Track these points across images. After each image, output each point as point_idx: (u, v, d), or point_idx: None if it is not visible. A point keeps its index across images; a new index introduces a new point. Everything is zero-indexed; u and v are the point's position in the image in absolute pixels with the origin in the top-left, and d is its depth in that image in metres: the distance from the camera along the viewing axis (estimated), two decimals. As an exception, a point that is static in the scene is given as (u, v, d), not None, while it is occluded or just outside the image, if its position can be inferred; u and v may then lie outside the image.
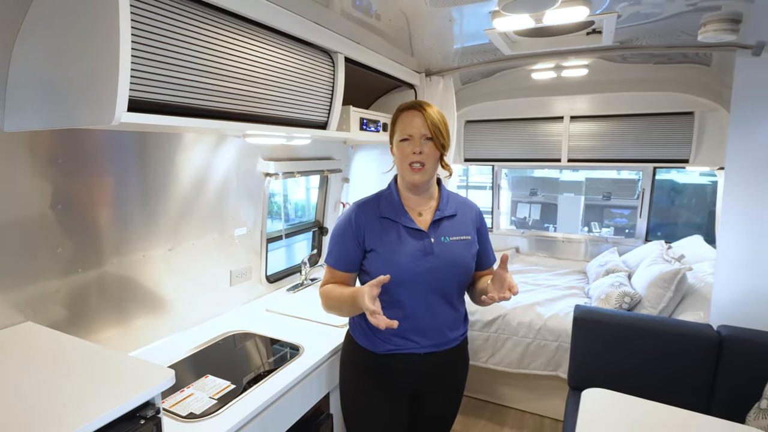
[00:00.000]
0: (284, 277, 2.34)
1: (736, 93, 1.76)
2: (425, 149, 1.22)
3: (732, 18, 1.48)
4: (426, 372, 1.31)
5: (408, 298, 1.25)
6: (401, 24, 1.75)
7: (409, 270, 1.22)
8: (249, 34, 1.24)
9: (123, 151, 1.43)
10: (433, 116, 1.24)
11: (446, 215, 1.29)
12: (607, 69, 2.71)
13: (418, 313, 1.26)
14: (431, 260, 1.23)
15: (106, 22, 0.87)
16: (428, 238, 1.25)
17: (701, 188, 4.39)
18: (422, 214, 1.30)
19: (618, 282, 2.53)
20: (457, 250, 1.27)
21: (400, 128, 1.26)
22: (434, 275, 1.24)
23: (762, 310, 1.79)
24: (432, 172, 1.27)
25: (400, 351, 1.28)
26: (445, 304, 1.29)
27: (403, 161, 1.24)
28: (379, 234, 1.26)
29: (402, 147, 1.25)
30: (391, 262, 1.23)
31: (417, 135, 1.23)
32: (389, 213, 1.28)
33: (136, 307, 1.55)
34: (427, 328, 1.28)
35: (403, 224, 1.26)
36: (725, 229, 1.84)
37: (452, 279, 1.28)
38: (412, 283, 1.23)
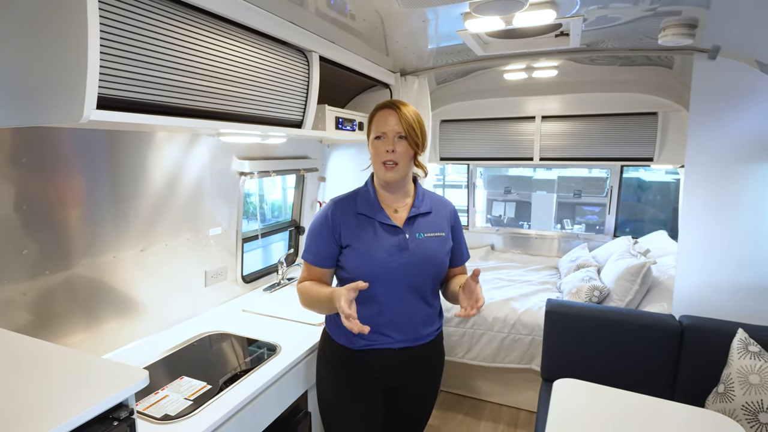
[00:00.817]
0: (261, 277, 2.33)
1: (694, 94, 1.85)
2: (398, 148, 1.24)
3: (689, 23, 1.56)
4: (401, 367, 1.33)
5: (383, 293, 1.26)
6: (376, 24, 1.76)
7: (384, 265, 1.24)
8: (222, 31, 1.23)
9: (91, 150, 1.39)
10: (407, 115, 1.25)
11: (421, 212, 1.32)
12: (576, 70, 2.80)
13: (392, 308, 1.28)
14: (406, 256, 1.26)
15: (74, 17, 0.85)
16: (403, 233, 1.28)
17: (666, 186, 4.58)
18: (398, 211, 1.32)
19: (588, 276, 2.62)
20: (431, 246, 1.30)
21: (375, 126, 1.28)
22: (409, 270, 1.26)
23: (720, 300, 1.89)
24: (405, 171, 1.28)
25: (375, 346, 1.30)
26: (419, 300, 1.31)
27: (377, 159, 1.26)
28: (355, 230, 1.28)
29: (376, 145, 1.27)
30: (366, 257, 1.25)
31: (390, 133, 1.25)
32: (365, 209, 1.30)
33: (107, 310, 1.52)
34: (402, 323, 1.30)
35: (378, 220, 1.28)
36: (686, 224, 1.93)
37: (427, 274, 1.30)
38: (387, 277, 1.25)
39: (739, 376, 1.58)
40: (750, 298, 1.84)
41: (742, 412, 1.53)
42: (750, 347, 1.62)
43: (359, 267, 1.26)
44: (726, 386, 1.61)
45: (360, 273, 1.25)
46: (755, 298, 1.84)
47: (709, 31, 1.66)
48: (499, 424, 2.50)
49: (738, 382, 1.58)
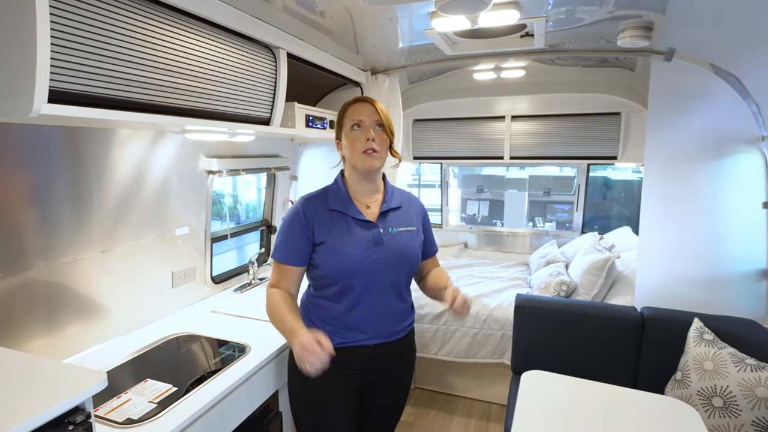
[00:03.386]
0: (231, 278, 2.29)
1: (652, 95, 1.93)
2: (377, 136, 1.26)
3: (646, 26, 1.63)
4: (376, 363, 1.33)
5: (358, 289, 1.26)
6: (345, 21, 1.76)
7: (359, 260, 1.24)
8: (186, 26, 1.21)
9: (47, 146, 1.34)
10: (381, 107, 1.28)
11: (392, 207, 1.33)
12: (543, 71, 2.87)
13: (368, 304, 1.28)
14: (381, 250, 1.26)
15: (22, 5, 0.82)
16: (377, 228, 1.28)
17: (631, 184, 4.75)
18: (370, 207, 1.32)
19: (556, 272, 2.69)
20: (404, 240, 1.31)
21: (349, 117, 1.27)
22: (384, 265, 1.26)
23: (678, 291, 1.98)
24: (384, 158, 1.30)
25: (351, 344, 1.29)
26: (394, 295, 1.32)
27: (356, 149, 1.25)
28: (328, 226, 1.27)
29: (353, 136, 1.26)
30: (341, 253, 1.24)
31: (368, 121, 1.25)
32: (338, 205, 1.29)
33: (68, 314, 1.47)
34: (378, 318, 1.30)
35: (352, 216, 1.28)
36: (646, 219, 2.01)
37: (401, 269, 1.31)
38: (363, 273, 1.25)
39: (694, 363, 1.66)
40: (705, 289, 1.93)
41: (697, 397, 1.60)
42: (704, 335, 1.70)
43: (334, 263, 1.25)
44: (683, 373, 1.68)
45: (335, 269, 1.24)
46: (709, 288, 1.93)
47: (665, 34, 1.73)
48: (472, 418, 2.54)
49: (694, 369, 1.65)
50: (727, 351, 1.63)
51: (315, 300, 1.34)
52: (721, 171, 1.88)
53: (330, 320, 1.30)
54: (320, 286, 1.32)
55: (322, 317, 1.32)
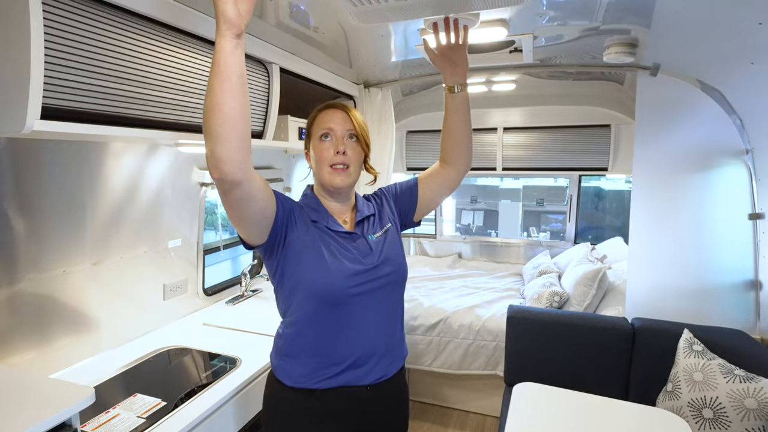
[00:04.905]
0: (224, 289, 2.28)
1: (638, 108, 1.97)
2: (349, 149, 1.07)
3: (630, 42, 1.67)
4: (372, 407, 1.10)
5: (354, 314, 1.04)
6: (339, 37, 1.79)
7: (353, 278, 1.03)
8: (178, 43, 1.23)
9: (38, 157, 1.34)
10: (356, 115, 1.11)
11: (366, 215, 1.16)
12: (533, 84, 2.91)
13: (368, 331, 1.06)
14: (370, 262, 1.07)
15: (17, 25, 0.84)
16: (361, 238, 1.11)
17: (622, 194, 4.80)
18: (347, 222, 1.15)
19: (549, 282, 2.70)
20: (388, 246, 1.13)
21: (318, 125, 1.09)
22: (378, 278, 1.07)
23: (668, 302, 1.99)
24: (356, 176, 1.12)
25: (346, 384, 1.05)
26: (394, 314, 1.14)
27: (323, 162, 1.07)
28: (314, 238, 1.05)
29: (321, 147, 1.07)
30: (326, 267, 1.02)
31: (339, 131, 1.07)
32: (317, 217, 1.09)
33: (57, 327, 1.46)
34: (379, 347, 1.08)
35: (333, 229, 1.08)
36: (635, 230, 2.03)
37: (396, 279, 1.12)
38: (359, 294, 1.04)
39: (685, 374, 1.67)
40: (694, 300, 1.95)
41: (688, 409, 1.61)
42: (694, 346, 1.72)
43: (321, 281, 1.01)
44: (674, 384, 1.69)
45: (323, 289, 1.02)
46: (699, 299, 1.95)
47: (650, 50, 1.77)
48: (466, 430, 2.53)
49: (684, 380, 1.66)
50: (716, 362, 1.64)
51: (295, 329, 1.07)
52: (708, 183, 1.91)
53: (317, 351, 1.05)
54: (302, 311, 1.05)
55: (305, 348, 1.06)
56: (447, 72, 1.18)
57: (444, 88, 1.19)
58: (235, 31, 0.74)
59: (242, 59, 0.77)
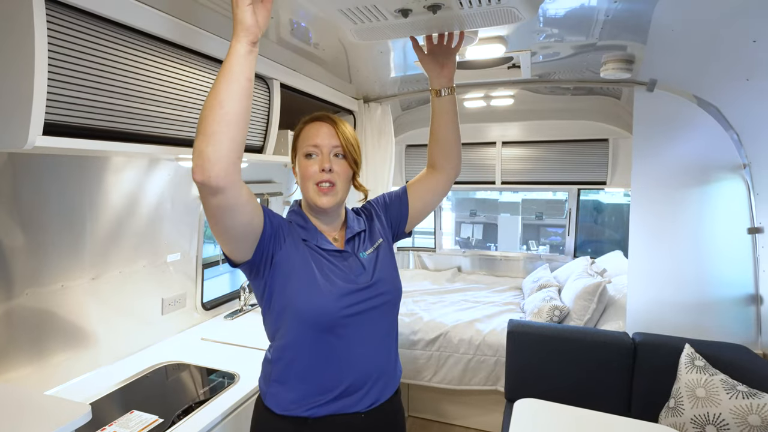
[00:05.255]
0: (222, 304, 2.27)
1: (636, 123, 1.99)
2: (336, 166, 1.02)
3: (627, 58, 1.69)
4: None
5: (348, 335, 0.99)
6: (339, 53, 1.82)
7: (346, 298, 0.98)
8: (179, 59, 1.24)
9: (39, 171, 1.35)
10: (345, 130, 1.05)
11: (356, 232, 1.11)
12: (531, 99, 2.95)
13: (362, 353, 1.01)
14: (363, 281, 1.03)
15: (21, 42, 0.85)
16: (353, 256, 1.06)
17: (621, 207, 4.81)
18: (337, 240, 1.09)
19: (549, 296, 2.69)
20: (381, 264, 1.08)
21: (304, 140, 1.04)
22: (372, 297, 1.02)
23: (668, 316, 1.99)
24: (344, 195, 1.06)
25: (340, 411, 0.99)
26: (388, 333, 1.09)
27: (308, 181, 1.02)
28: (304, 256, 1.00)
29: (306, 164, 1.02)
30: (320, 291, 0.97)
31: (326, 148, 1.02)
32: (306, 236, 1.04)
33: (55, 342, 1.45)
34: (378, 371, 1.03)
35: (323, 247, 1.03)
36: (634, 244, 2.03)
37: (390, 298, 1.08)
38: (353, 315, 0.99)
39: (687, 390, 1.65)
40: (695, 314, 1.94)
41: (691, 425, 1.59)
42: (696, 362, 1.70)
43: (311, 303, 0.96)
44: (676, 400, 1.68)
45: (314, 311, 0.96)
46: (699, 313, 1.94)
47: (646, 66, 1.80)
48: (467, 447, 2.49)
49: (686, 396, 1.64)
50: (718, 377, 1.62)
51: (284, 354, 1.01)
52: (706, 197, 1.92)
53: (307, 377, 0.99)
54: (291, 335, 0.99)
55: (295, 373, 1.00)
56: (433, 73, 1.15)
57: (430, 91, 1.16)
58: (251, 38, 0.76)
59: (253, 66, 0.78)
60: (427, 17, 1.01)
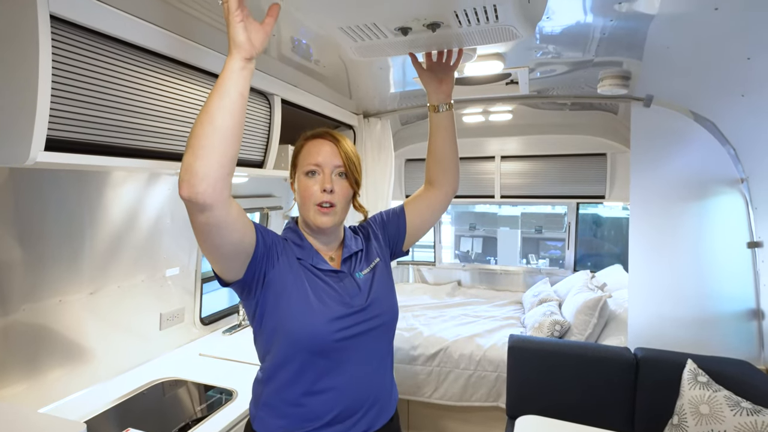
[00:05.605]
0: (221, 318, 2.26)
1: (633, 138, 2.00)
2: (337, 186, 0.99)
3: (623, 75, 1.72)
4: None
5: (345, 361, 0.96)
6: (339, 70, 1.84)
7: (341, 321, 0.95)
8: (181, 75, 1.26)
9: (38, 185, 1.35)
10: (347, 148, 1.03)
11: (354, 251, 1.08)
12: (529, 114, 2.97)
13: (357, 381, 0.97)
14: (358, 303, 0.99)
15: (26, 59, 0.86)
16: (349, 277, 1.03)
17: (620, 221, 4.82)
18: (333, 259, 1.06)
19: (549, 311, 2.68)
20: (376, 284, 1.05)
21: (305, 158, 1.01)
22: (368, 320, 0.99)
23: (670, 331, 1.97)
24: (343, 215, 1.03)
25: None
26: (385, 358, 1.05)
27: (308, 200, 0.99)
28: (298, 276, 0.97)
29: (306, 183, 0.99)
30: (316, 312, 0.94)
31: (327, 167, 0.99)
32: (302, 255, 1.00)
33: (51, 358, 1.43)
34: (372, 398, 0.99)
35: (319, 267, 1.00)
36: (634, 259, 2.03)
37: (387, 321, 1.04)
38: (348, 340, 0.96)
39: (690, 406, 1.63)
40: (697, 329, 1.93)
41: (695, 443, 1.57)
42: (699, 378, 1.68)
43: (303, 325, 0.93)
44: (680, 417, 1.65)
45: (306, 333, 0.92)
46: (701, 329, 1.93)
47: (643, 82, 1.82)
48: (468, 466, 2.44)
49: (690, 413, 1.62)
50: (722, 394, 1.60)
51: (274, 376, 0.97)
52: (705, 212, 1.93)
53: (298, 402, 0.95)
54: (281, 357, 0.95)
55: (284, 398, 0.96)
56: (431, 88, 1.15)
57: (429, 107, 1.15)
58: (244, 54, 0.75)
59: (246, 82, 0.77)
60: (426, 35, 1.02)
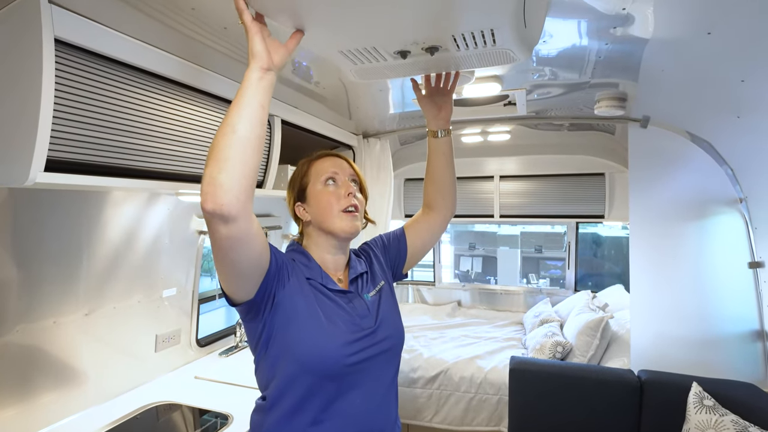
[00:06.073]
0: (218, 340, 2.22)
1: (631, 159, 2.02)
2: (356, 192, 1.02)
3: (619, 96, 1.74)
4: None
5: (351, 389, 0.92)
6: (339, 91, 1.87)
7: (351, 346, 0.92)
8: (181, 97, 1.27)
9: (37, 204, 1.34)
10: (352, 162, 1.08)
11: (360, 272, 1.06)
12: (527, 134, 3.00)
13: (364, 411, 0.94)
14: (368, 325, 0.97)
15: (29, 80, 0.87)
16: (359, 298, 1.01)
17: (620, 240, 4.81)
18: (341, 280, 1.04)
19: (551, 332, 2.64)
20: (383, 307, 1.03)
21: (318, 172, 1.02)
22: (378, 343, 0.97)
23: (673, 352, 1.94)
24: (361, 224, 1.05)
25: None
26: (391, 391, 1.01)
27: (332, 207, 0.98)
28: (308, 298, 0.94)
29: (327, 192, 1.00)
30: (328, 334, 0.91)
31: (344, 175, 1.02)
32: (312, 275, 0.98)
33: (43, 381, 1.40)
34: (378, 428, 0.96)
35: (329, 287, 0.98)
36: (635, 279, 2.02)
37: (395, 344, 1.02)
38: (358, 365, 0.92)
39: (697, 431, 1.60)
40: (700, 351, 1.90)
41: (703, 470, 1.52)
42: (705, 401, 1.65)
43: (313, 347, 0.89)
44: (686, 442, 1.61)
45: (316, 355, 0.89)
46: (705, 350, 1.90)
47: (639, 103, 1.84)
48: (470, 493, 2.37)
49: (697, 438, 1.58)
50: (729, 418, 1.57)
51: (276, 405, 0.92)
52: (705, 232, 1.92)
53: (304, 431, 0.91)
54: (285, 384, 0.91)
55: (291, 427, 0.91)
56: (431, 115, 1.17)
57: (428, 132, 1.18)
58: (261, 63, 0.76)
59: (266, 93, 0.77)
60: (425, 59, 1.04)
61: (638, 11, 1.08)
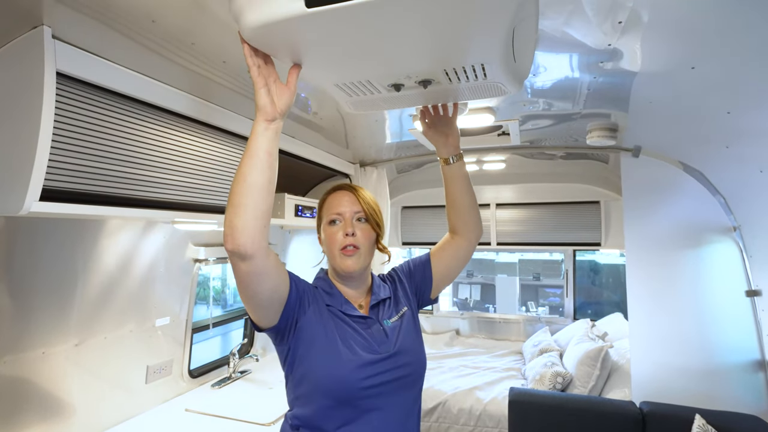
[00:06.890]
0: (210, 371, 2.17)
1: (624, 188, 2.04)
2: (359, 231, 1.05)
3: (610, 127, 1.77)
4: None
5: (369, 414, 0.95)
6: (336, 121, 1.90)
7: (367, 369, 0.96)
8: (180, 127, 1.29)
9: (33, 233, 1.35)
10: (365, 196, 1.10)
11: (382, 298, 1.10)
12: (522, 163, 3.04)
13: (391, 430, 0.97)
14: (386, 350, 1.00)
15: (28, 110, 0.88)
16: (377, 324, 1.04)
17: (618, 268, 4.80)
18: (362, 306, 1.08)
19: (550, 362, 2.60)
20: (404, 333, 1.06)
21: (327, 210, 1.09)
22: (398, 370, 0.99)
23: (674, 383, 1.91)
24: (368, 258, 1.07)
25: None
26: (412, 418, 1.02)
27: (333, 246, 1.05)
28: (327, 324, 1.00)
29: (331, 231, 1.06)
30: (344, 358, 0.95)
31: (348, 214, 1.07)
32: (331, 301, 1.04)
33: (29, 414, 1.36)
34: None
35: (348, 313, 1.02)
36: (633, 308, 2.00)
37: (416, 371, 1.04)
38: (375, 388, 0.95)
39: (702, 466, 1.55)
40: (702, 381, 1.87)
41: None
42: (708, 434, 1.61)
43: (330, 370, 0.94)
44: (692, 479, 1.56)
45: (332, 379, 0.94)
46: (706, 380, 1.87)
47: (630, 134, 1.88)
48: None
49: (702, 474, 1.54)
50: (734, 452, 1.53)
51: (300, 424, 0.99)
52: (701, 260, 1.92)
53: None
54: (308, 405, 0.97)
55: None
56: (439, 143, 1.19)
57: (440, 160, 1.20)
58: (264, 116, 0.82)
59: (271, 141, 0.83)
60: (418, 91, 1.07)
61: (625, 46, 1.12)
